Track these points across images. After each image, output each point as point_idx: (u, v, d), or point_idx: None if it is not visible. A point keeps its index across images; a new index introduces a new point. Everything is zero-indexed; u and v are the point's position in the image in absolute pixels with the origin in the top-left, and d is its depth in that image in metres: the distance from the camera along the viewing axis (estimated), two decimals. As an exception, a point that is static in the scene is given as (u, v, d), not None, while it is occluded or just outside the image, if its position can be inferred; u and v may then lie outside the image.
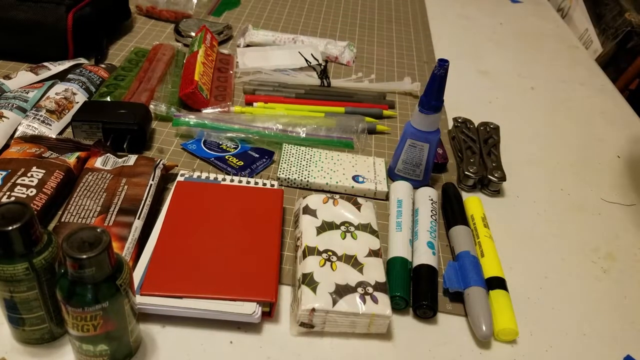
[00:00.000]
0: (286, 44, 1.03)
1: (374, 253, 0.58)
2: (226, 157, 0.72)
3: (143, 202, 0.60)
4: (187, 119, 0.75)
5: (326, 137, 0.78)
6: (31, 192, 0.58)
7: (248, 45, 1.02)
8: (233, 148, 0.74)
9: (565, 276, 0.65)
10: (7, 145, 0.68)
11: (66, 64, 0.84)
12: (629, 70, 1.35)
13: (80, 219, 0.56)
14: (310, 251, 0.56)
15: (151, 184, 0.62)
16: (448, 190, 0.71)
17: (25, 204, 0.42)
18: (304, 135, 0.77)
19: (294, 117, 0.80)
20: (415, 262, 0.60)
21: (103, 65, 0.86)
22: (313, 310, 0.51)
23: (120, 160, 0.65)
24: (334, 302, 0.51)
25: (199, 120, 0.76)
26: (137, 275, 0.52)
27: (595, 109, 1.00)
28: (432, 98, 0.66)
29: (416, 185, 0.72)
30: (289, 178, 0.70)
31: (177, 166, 0.70)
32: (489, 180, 0.74)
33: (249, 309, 0.51)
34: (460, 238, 0.63)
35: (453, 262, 0.61)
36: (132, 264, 0.55)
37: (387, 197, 0.71)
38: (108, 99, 0.78)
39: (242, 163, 0.72)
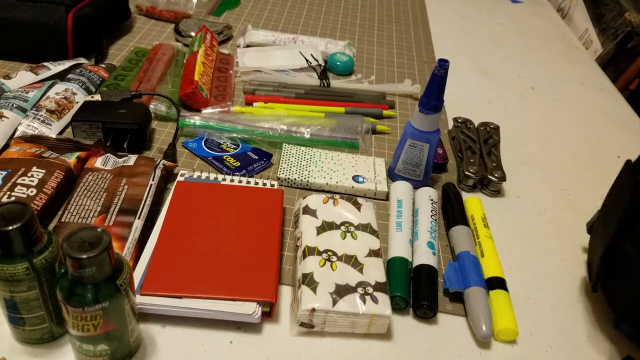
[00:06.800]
0: (286, 44, 1.03)
1: (374, 253, 0.58)
2: (224, 157, 0.72)
3: (143, 202, 0.60)
4: (192, 121, 0.75)
5: (330, 137, 0.78)
6: (31, 192, 0.58)
7: (248, 46, 1.02)
8: (233, 148, 0.74)
9: (565, 276, 0.65)
10: (7, 145, 0.68)
11: (66, 64, 0.84)
12: (629, 70, 1.35)
13: (80, 219, 0.56)
14: (310, 251, 0.56)
15: (151, 184, 0.62)
16: (448, 190, 0.71)
17: (25, 203, 0.42)
18: (308, 136, 0.78)
19: (298, 117, 0.80)
20: (415, 262, 0.60)
21: (103, 65, 0.86)
22: (313, 310, 0.51)
23: (120, 160, 0.65)
24: (334, 302, 0.52)
25: (204, 122, 0.76)
26: (137, 275, 0.53)
27: (595, 109, 1.00)
28: (432, 98, 0.66)
29: (416, 185, 0.72)
30: (289, 178, 0.70)
31: (177, 166, 0.70)
32: (489, 180, 0.74)
33: (249, 309, 0.51)
34: (460, 238, 0.63)
35: (453, 262, 0.61)
36: (132, 264, 0.55)
37: (387, 197, 0.71)
38: (108, 99, 0.78)
39: (239, 164, 0.72)
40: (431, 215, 0.65)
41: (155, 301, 0.51)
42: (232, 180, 0.66)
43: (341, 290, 0.53)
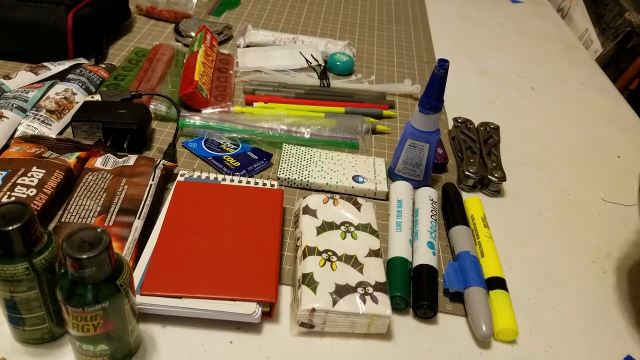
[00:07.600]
0: (286, 44, 1.03)
1: (374, 253, 0.58)
2: (224, 157, 0.72)
3: (143, 202, 0.60)
4: (192, 121, 0.75)
5: (330, 137, 0.78)
6: (31, 192, 0.58)
7: (248, 46, 1.02)
8: (233, 148, 0.74)
9: (565, 276, 0.65)
10: (7, 145, 0.68)
11: (66, 64, 0.84)
12: (629, 70, 1.35)
13: (80, 219, 0.56)
14: (310, 251, 0.56)
15: (151, 184, 0.62)
16: (448, 190, 0.71)
17: (25, 204, 0.42)
18: (308, 136, 0.78)
19: (298, 117, 0.80)
20: (415, 262, 0.60)
21: (103, 65, 0.86)
22: (313, 310, 0.51)
23: (120, 160, 0.65)
24: (334, 302, 0.52)
25: (204, 122, 0.76)
26: (137, 275, 0.53)
27: (595, 109, 1.00)
28: (432, 98, 0.66)
29: (416, 185, 0.72)
30: (289, 178, 0.70)
31: (177, 166, 0.70)
32: (489, 180, 0.74)
33: (249, 309, 0.51)
34: (460, 238, 0.63)
35: (453, 262, 0.61)
36: (132, 264, 0.55)
37: (387, 197, 0.71)
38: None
39: (239, 164, 0.72)
40: (431, 215, 0.65)
41: (155, 301, 0.51)
42: (232, 180, 0.66)
43: (341, 290, 0.53)
